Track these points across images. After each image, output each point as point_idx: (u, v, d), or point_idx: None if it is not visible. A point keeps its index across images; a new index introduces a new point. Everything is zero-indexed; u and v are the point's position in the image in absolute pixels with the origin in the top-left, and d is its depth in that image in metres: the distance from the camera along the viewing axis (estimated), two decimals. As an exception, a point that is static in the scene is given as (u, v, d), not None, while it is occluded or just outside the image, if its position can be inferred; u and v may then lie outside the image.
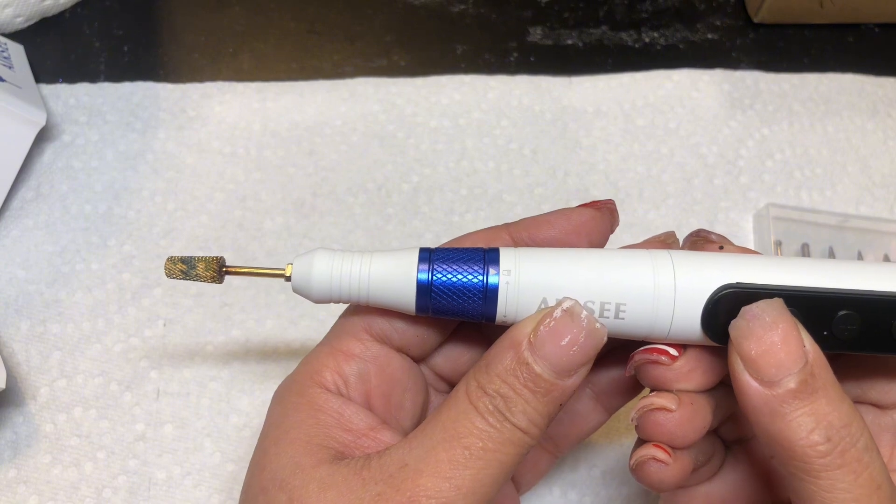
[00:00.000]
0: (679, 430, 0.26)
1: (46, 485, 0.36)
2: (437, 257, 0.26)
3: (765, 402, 0.23)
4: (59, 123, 0.45)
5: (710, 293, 0.25)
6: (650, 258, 0.25)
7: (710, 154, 0.47)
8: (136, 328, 0.39)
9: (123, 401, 0.38)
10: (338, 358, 0.27)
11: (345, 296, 0.26)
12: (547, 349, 0.24)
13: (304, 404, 0.26)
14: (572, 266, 0.25)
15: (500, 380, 0.24)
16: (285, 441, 0.25)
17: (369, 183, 0.45)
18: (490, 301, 0.25)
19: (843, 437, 0.23)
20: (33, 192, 0.43)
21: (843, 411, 0.23)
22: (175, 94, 0.46)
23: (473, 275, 0.25)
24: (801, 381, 0.23)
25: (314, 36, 0.50)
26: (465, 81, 0.48)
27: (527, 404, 0.24)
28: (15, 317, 0.39)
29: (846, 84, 0.50)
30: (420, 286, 0.26)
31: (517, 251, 0.26)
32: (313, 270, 0.26)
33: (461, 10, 0.52)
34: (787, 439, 0.23)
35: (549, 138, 0.47)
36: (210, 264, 0.27)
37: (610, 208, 0.29)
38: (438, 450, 0.24)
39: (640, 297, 0.25)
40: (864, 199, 0.46)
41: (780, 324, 0.23)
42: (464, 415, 0.24)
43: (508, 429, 0.24)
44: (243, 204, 0.43)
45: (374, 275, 0.26)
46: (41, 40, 0.48)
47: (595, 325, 0.24)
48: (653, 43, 0.51)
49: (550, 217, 0.28)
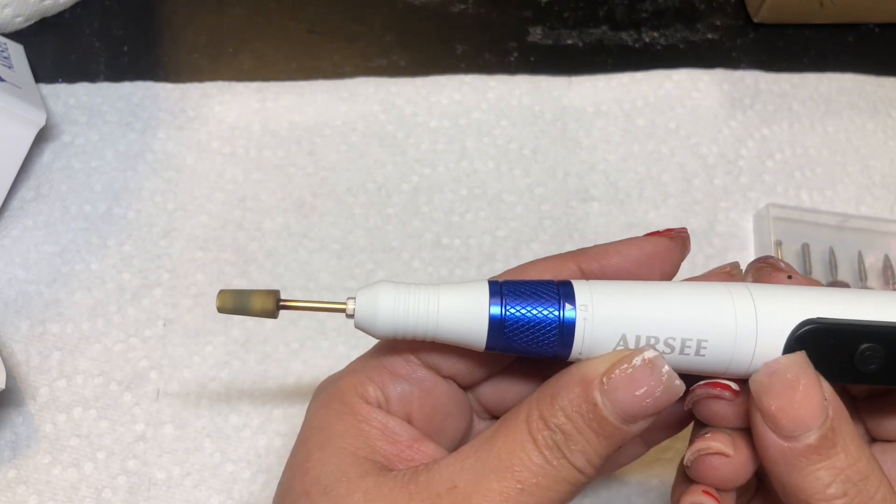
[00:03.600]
0: (734, 476, 0.25)
1: (46, 485, 0.36)
2: (508, 290, 0.25)
3: (782, 455, 0.23)
4: (59, 123, 0.45)
5: (791, 328, 0.24)
6: (728, 293, 0.25)
7: (710, 154, 0.47)
8: (136, 328, 0.39)
9: (123, 401, 0.38)
10: (383, 375, 0.27)
11: (410, 332, 0.25)
12: (619, 395, 0.23)
13: (348, 413, 0.26)
14: (651, 301, 0.25)
15: (564, 415, 0.23)
16: (330, 448, 0.25)
17: (369, 183, 0.44)
18: (566, 338, 0.24)
19: (861, 490, 0.23)
20: (33, 192, 0.43)
21: (861, 464, 0.23)
22: (175, 94, 0.46)
23: (549, 310, 0.24)
24: (821, 437, 0.23)
25: (314, 36, 0.50)
26: (465, 81, 0.48)
27: (587, 444, 0.23)
28: (15, 317, 0.39)
29: (846, 84, 0.50)
30: (493, 322, 0.24)
31: (591, 284, 0.25)
32: (379, 306, 0.25)
33: (461, 10, 0.52)
34: (803, 492, 0.23)
35: (549, 138, 0.47)
36: (266, 300, 0.25)
37: (683, 237, 0.28)
38: (491, 478, 0.23)
39: (722, 334, 0.24)
40: (865, 199, 0.46)
41: (801, 380, 0.23)
42: (521, 446, 0.24)
43: (565, 466, 0.23)
44: (243, 204, 0.43)
45: (444, 310, 0.25)
46: (41, 40, 0.48)
47: (675, 383, 0.23)
48: (653, 43, 0.51)
49: (620, 246, 0.27)
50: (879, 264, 0.43)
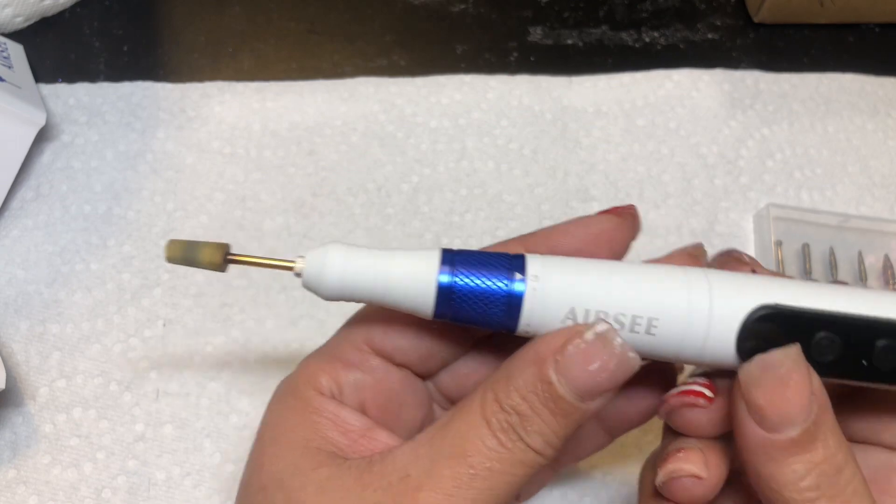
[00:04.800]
0: (706, 496, 0.25)
1: (46, 485, 0.36)
2: (460, 260, 0.24)
3: (762, 446, 0.23)
4: (59, 123, 0.45)
5: (747, 312, 0.24)
6: (684, 274, 0.24)
7: (710, 154, 0.47)
8: (136, 328, 0.39)
9: (123, 401, 0.38)
10: (335, 365, 0.26)
11: (358, 294, 0.25)
12: (574, 372, 0.23)
13: (300, 406, 0.26)
14: (603, 276, 0.24)
15: (519, 395, 0.23)
16: (284, 442, 0.25)
17: (369, 183, 0.44)
18: (514, 308, 0.24)
19: (833, 483, 0.22)
20: (33, 193, 0.43)
21: (838, 458, 0.23)
22: (175, 93, 0.46)
23: (498, 280, 0.24)
24: (804, 432, 0.22)
25: (314, 36, 0.50)
26: (465, 81, 0.48)
27: (544, 424, 0.23)
28: (14, 317, 0.39)
29: (846, 84, 0.50)
30: (441, 289, 0.24)
31: (544, 258, 0.25)
32: (326, 265, 0.24)
33: (461, 10, 0.52)
34: (776, 482, 0.23)
35: (549, 138, 0.47)
36: (214, 251, 0.25)
37: (632, 214, 0.28)
38: (443, 465, 0.23)
39: (674, 313, 0.24)
40: (865, 200, 0.46)
41: (793, 376, 0.23)
42: (474, 430, 0.23)
43: (521, 449, 0.23)
44: (243, 204, 0.43)
45: (393, 274, 0.24)
46: (41, 40, 0.48)
47: (629, 355, 0.23)
48: (653, 43, 0.51)
49: (568, 227, 0.27)
50: (879, 264, 0.43)
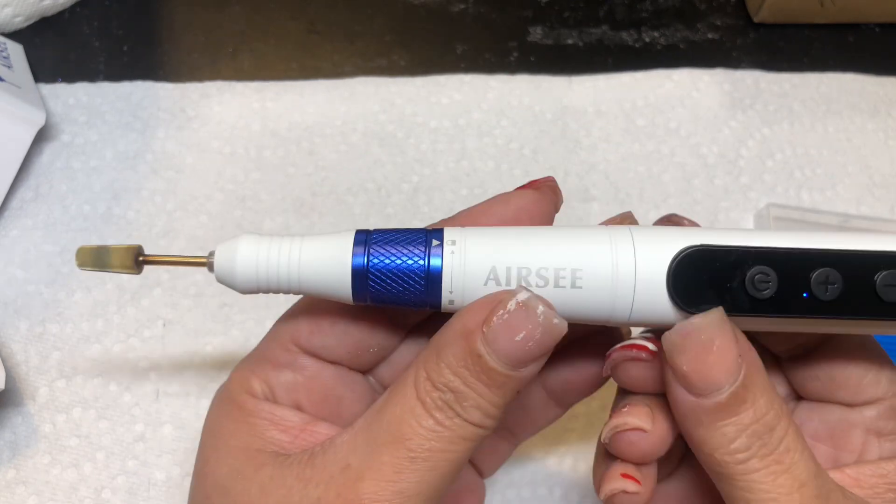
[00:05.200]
0: (653, 449, 0.25)
1: (45, 485, 0.35)
2: (374, 240, 0.24)
3: (692, 411, 0.23)
4: (59, 123, 0.45)
5: (673, 253, 0.23)
6: (607, 230, 0.24)
7: (710, 154, 0.47)
8: (136, 328, 0.39)
9: (123, 401, 0.38)
10: (265, 367, 0.26)
11: (273, 285, 0.24)
12: (501, 343, 0.22)
13: (235, 411, 0.26)
14: (522, 235, 0.24)
15: (451, 372, 0.23)
16: (224, 449, 0.25)
17: (369, 183, 0.44)
18: (434, 279, 0.23)
19: (765, 443, 0.23)
20: (32, 192, 0.43)
21: (768, 417, 0.23)
22: (174, 93, 0.46)
23: (415, 256, 0.23)
24: (731, 395, 0.22)
25: (314, 35, 0.50)
26: (465, 81, 0.48)
27: (480, 397, 0.23)
28: (14, 317, 0.39)
29: (847, 84, 0.50)
30: (356, 271, 0.23)
31: (464, 228, 0.24)
32: (237, 258, 0.24)
33: (461, 10, 0.52)
34: (708, 446, 0.23)
35: (549, 138, 0.47)
36: (125, 255, 0.25)
37: (551, 186, 0.27)
38: (382, 452, 0.23)
39: (598, 260, 0.23)
40: (865, 199, 0.46)
41: (715, 340, 0.23)
42: (410, 412, 0.23)
43: (459, 424, 0.23)
44: (243, 204, 0.43)
45: (305, 261, 0.24)
46: (40, 40, 0.48)
47: (553, 321, 0.23)
48: (653, 42, 0.51)
49: (488, 205, 0.27)
50: (880, 264, 0.43)
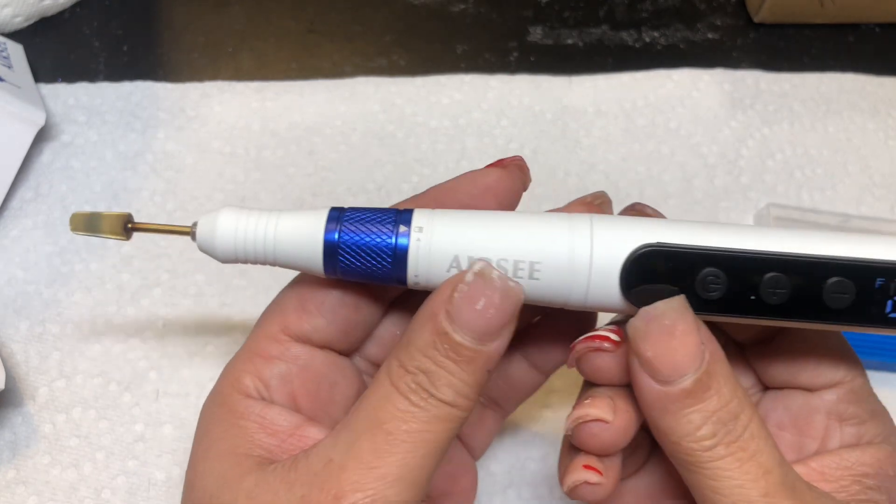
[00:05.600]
0: (615, 440, 0.25)
1: (45, 485, 0.35)
2: (347, 217, 0.25)
3: (657, 399, 0.23)
4: (59, 123, 0.45)
5: (629, 251, 0.24)
6: (568, 219, 0.25)
7: (710, 154, 0.47)
8: (136, 328, 0.39)
9: (123, 401, 0.38)
10: (256, 362, 0.26)
11: (251, 256, 0.25)
12: (464, 316, 0.23)
13: (224, 414, 0.26)
14: (485, 224, 0.24)
15: (421, 354, 0.23)
16: (212, 456, 0.25)
17: (369, 183, 0.44)
18: (400, 261, 0.24)
19: (730, 430, 0.23)
20: (32, 192, 0.43)
21: (733, 405, 0.23)
22: (174, 93, 0.46)
23: (383, 235, 0.25)
24: (696, 381, 0.23)
25: (314, 35, 0.50)
26: (465, 81, 0.48)
27: (451, 376, 0.23)
28: (14, 317, 0.39)
29: (847, 84, 0.50)
30: (327, 246, 0.25)
31: (433, 212, 0.25)
32: (217, 228, 0.25)
33: (461, 10, 0.52)
34: (675, 434, 0.23)
35: (549, 138, 0.47)
36: (115, 221, 0.26)
37: (518, 164, 0.28)
38: (362, 440, 0.23)
39: (555, 256, 0.24)
40: (865, 199, 0.46)
41: (678, 325, 0.23)
42: (385, 398, 0.23)
43: (434, 405, 0.23)
44: (243, 204, 0.43)
45: (281, 233, 0.25)
46: (40, 40, 0.48)
47: (508, 284, 0.23)
48: (653, 42, 0.51)
49: (456, 183, 0.27)
50: (880, 264, 0.43)
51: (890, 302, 0.23)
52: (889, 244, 0.24)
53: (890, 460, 0.25)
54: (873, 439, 0.26)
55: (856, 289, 0.23)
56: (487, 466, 0.37)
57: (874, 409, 0.27)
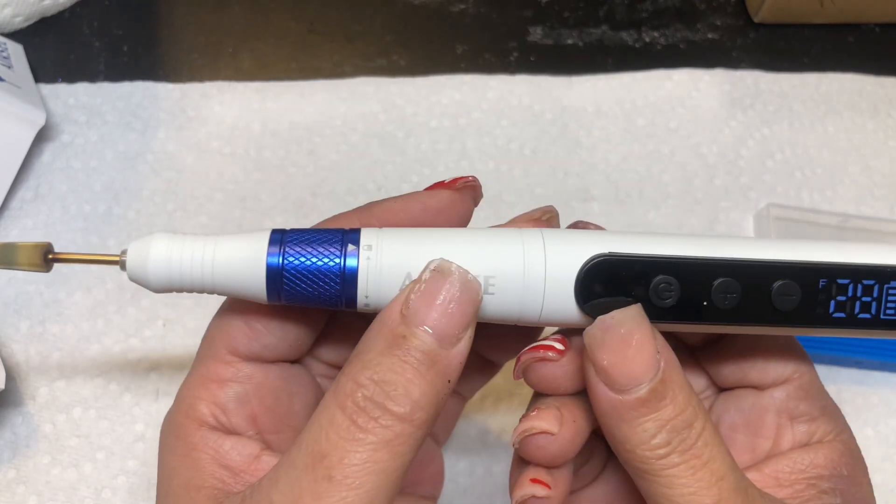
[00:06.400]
0: (561, 453, 0.25)
1: (46, 485, 0.35)
2: (290, 239, 0.24)
3: (613, 408, 0.23)
4: (59, 123, 0.45)
5: (582, 262, 0.24)
6: (519, 234, 0.24)
7: (710, 154, 0.47)
8: (136, 328, 0.39)
9: (123, 401, 0.38)
10: (210, 388, 0.25)
11: (186, 284, 0.24)
12: (422, 315, 0.22)
13: (180, 447, 0.25)
14: (438, 242, 0.24)
15: (374, 364, 0.22)
16: (173, 489, 0.24)
17: (369, 183, 0.44)
18: (349, 283, 0.23)
19: (684, 438, 0.23)
20: (32, 193, 0.43)
21: (687, 413, 0.23)
22: (175, 93, 0.46)
23: (330, 257, 0.23)
24: (651, 390, 0.23)
25: (314, 36, 0.50)
26: (465, 81, 0.48)
27: (409, 383, 0.21)
28: (14, 317, 0.39)
29: (846, 84, 0.50)
30: (270, 271, 0.23)
31: (380, 231, 0.24)
32: (150, 256, 0.23)
33: (461, 10, 0.52)
34: (629, 443, 0.23)
35: (549, 138, 0.47)
36: (32, 252, 0.24)
37: (471, 185, 0.27)
38: (301, 480, 0.21)
39: (510, 268, 0.24)
40: (865, 199, 0.46)
41: (634, 335, 0.23)
42: (329, 423, 0.21)
43: (384, 425, 0.21)
44: (243, 204, 0.43)
45: (220, 260, 0.23)
46: (40, 40, 0.48)
47: (468, 277, 0.22)
48: (653, 43, 0.51)
49: (404, 202, 0.26)
50: (880, 264, 0.43)
51: (833, 302, 0.24)
52: (830, 247, 0.25)
53: (843, 459, 0.26)
54: (825, 437, 0.26)
55: (801, 290, 0.24)
56: (488, 467, 0.37)
57: (825, 405, 0.27)
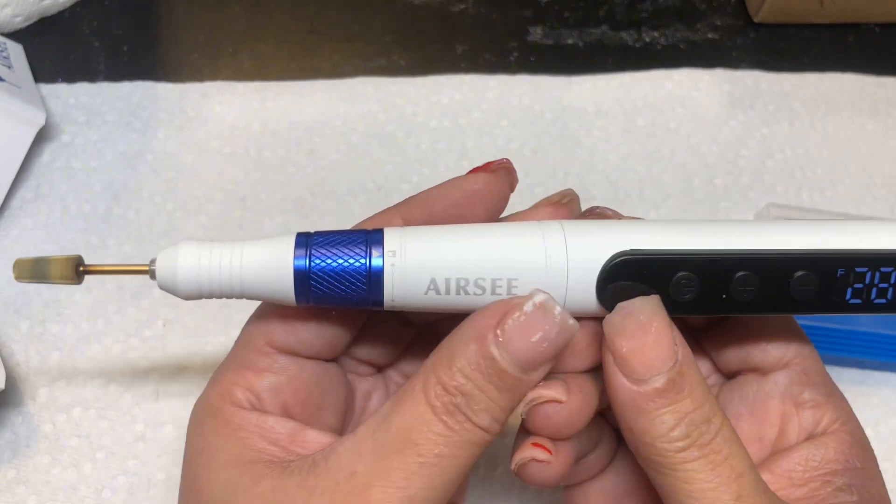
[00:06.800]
0: (568, 423, 0.25)
1: (46, 485, 0.35)
2: (315, 242, 0.24)
3: (631, 398, 0.23)
4: (59, 123, 0.45)
5: (603, 261, 0.24)
6: (540, 230, 0.24)
7: (710, 154, 0.47)
8: (136, 328, 0.39)
9: (123, 401, 0.38)
10: (245, 375, 0.26)
11: (216, 290, 0.24)
12: (515, 345, 0.23)
13: (221, 426, 0.25)
14: (460, 243, 0.24)
15: (463, 375, 0.23)
16: (215, 465, 0.24)
17: (369, 183, 0.44)
18: (375, 286, 0.24)
19: (703, 432, 0.23)
20: (32, 193, 0.43)
21: (705, 408, 0.23)
22: (174, 93, 0.46)
23: (355, 258, 0.24)
24: (669, 381, 0.23)
25: (314, 36, 0.50)
26: (465, 81, 0.48)
27: (490, 401, 0.23)
28: (14, 317, 0.39)
29: (846, 84, 0.50)
30: (297, 274, 0.24)
31: (403, 230, 0.24)
32: (179, 265, 0.24)
33: (461, 10, 0.52)
34: (648, 435, 0.23)
35: (549, 138, 0.47)
36: (65, 265, 0.25)
37: (506, 167, 0.28)
38: (391, 458, 0.22)
39: (532, 271, 0.24)
40: (865, 199, 0.46)
41: (654, 322, 0.23)
42: (420, 418, 0.23)
43: (469, 429, 0.23)
44: (243, 204, 0.43)
45: (247, 265, 0.24)
46: (40, 40, 0.48)
47: (568, 322, 0.23)
48: (653, 42, 0.51)
49: (442, 189, 0.27)
50: (880, 264, 0.43)
51: (850, 290, 0.24)
52: (846, 233, 0.25)
53: (853, 451, 0.25)
54: (831, 425, 0.26)
55: (819, 280, 0.24)
56: (488, 466, 0.37)
57: (829, 391, 0.27)
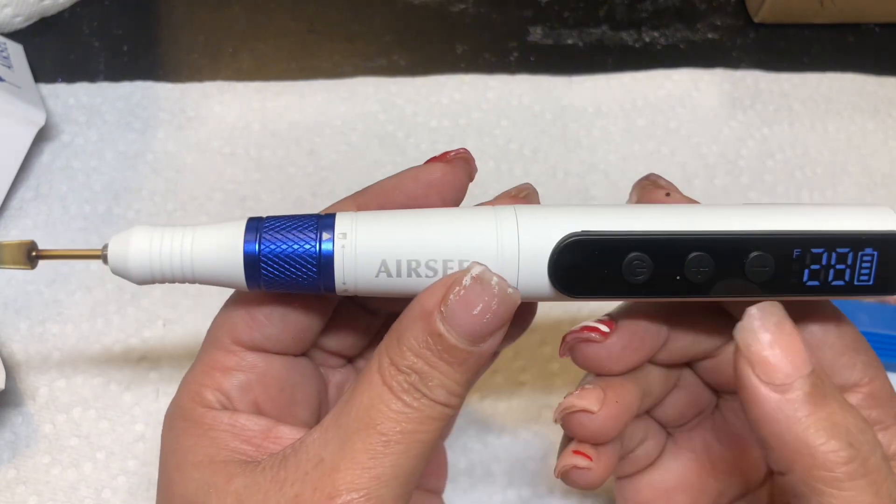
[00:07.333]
0: (603, 430, 0.26)
1: (46, 485, 0.35)
2: (266, 226, 0.24)
3: (779, 408, 0.22)
4: (59, 123, 0.45)
5: (555, 243, 0.24)
6: (493, 213, 0.25)
7: (710, 154, 0.47)
8: (136, 328, 0.39)
9: (123, 401, 0.38)
10: (214, 375, 0.26)
11: (168, 275, 0.24)
12: (458, 319, 0.23)
13: (192, 427, 0.25)
14: (412, 225, 0.24)
15: (413, 354, 0.23)
16: (187, 466, 0.25)
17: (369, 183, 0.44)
18: (325, 269, 0.24)
19: (863, 443, 0.22)
20: (32, 192, 0.43)
21: (857, 417, 0.22)
22: (174, 93, 0.46)
23: (306, 242, 0.24)
24: (812, 385, 0.22)
25: (314, 36, 0.50)
26: (465, 81, 0.48)
27: (444, 377, 0.23)
28: (14, 317, 0.39)
29: (847, 84, 0.50)
30: (248, 258, 0.24)
31: (355, 215, 0.25)
32: (130, 249, 0.24)
33: (461, 10, 0.52)
34: (807, 445, 0.21)
35: (549, 138, 0.47)
36: (16, 250, 0.25)
37: (463, 157, 0.28)
38: (354, 440, 0.23)
39: (484, 251, 0.24)
40: (865, 199, 0.46)
41: (786, 324, 0.22)
42: (378, 398, 0.23)
43: (427, 405, 0.23)
44: (243, 204, 0.43)
45: (198, 249, 0.24)
46: (40, 40, 0.48)
47: (507, 291, 0.23)
48: (653, 42, 0.51)
49: (398, 179, 0.27)
50: (880, 264, 0.43)
51: (807, 271, 0.24)
52: (803, 215, 0.24)
53: None
54: None
55: (775, 261, 0.24)
56: (487, 466, 0.37)
57: None
